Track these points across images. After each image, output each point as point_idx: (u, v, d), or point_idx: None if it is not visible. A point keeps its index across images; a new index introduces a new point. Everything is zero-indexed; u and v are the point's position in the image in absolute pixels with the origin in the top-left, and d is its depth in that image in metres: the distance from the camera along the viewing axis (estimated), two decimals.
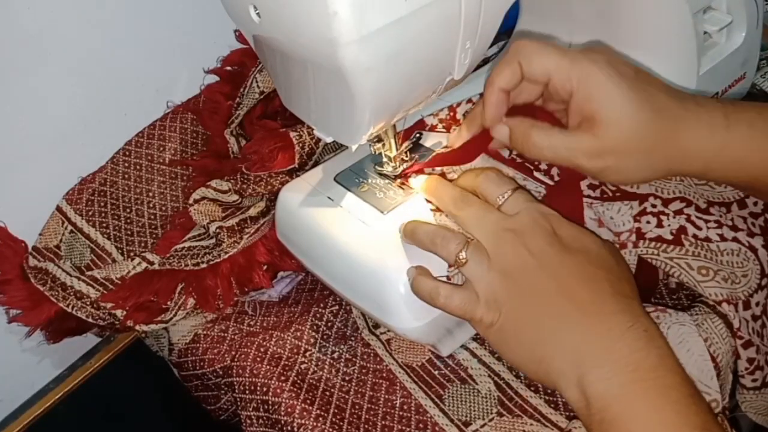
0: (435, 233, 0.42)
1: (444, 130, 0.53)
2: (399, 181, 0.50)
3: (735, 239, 0.44)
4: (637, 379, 0.34)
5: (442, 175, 0.48)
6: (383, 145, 0.49)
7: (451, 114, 0.55)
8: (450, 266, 0.42)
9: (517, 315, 0.38)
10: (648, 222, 0.45)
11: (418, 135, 0.52)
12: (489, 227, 0.41)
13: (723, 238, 0.44)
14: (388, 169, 0.50)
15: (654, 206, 0.45)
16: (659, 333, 0.37)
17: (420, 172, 0.49)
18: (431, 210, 0.47)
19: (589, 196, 0.46)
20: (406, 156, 0.50)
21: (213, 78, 0.65)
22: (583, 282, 0.38)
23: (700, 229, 0.44)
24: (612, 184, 0.46)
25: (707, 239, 0.44)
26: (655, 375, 0.35)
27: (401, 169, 0.50)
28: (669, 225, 0.44)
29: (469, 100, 0.54)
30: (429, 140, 0.53)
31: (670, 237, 0.44)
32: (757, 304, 0.43)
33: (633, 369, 0.35)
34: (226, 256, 0.54)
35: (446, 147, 0.50)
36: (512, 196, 0.42)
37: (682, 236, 0.44)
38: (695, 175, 0.43)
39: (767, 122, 0.40)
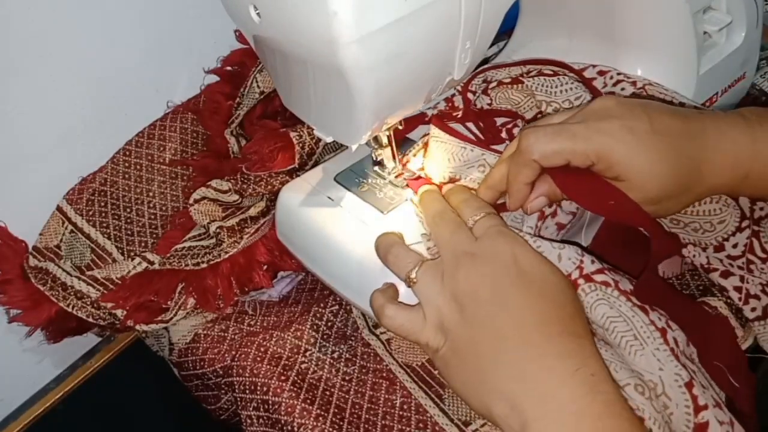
0: (389, 247, 0.41)
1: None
2: (400, 180, 0.50)
3: None
4: (582, 429, 0.33)
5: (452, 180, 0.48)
6: (380, 145, 0.49)
7: (450, 105, 0.55)
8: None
9: (461, 345, 0.37)
10: None
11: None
12: (451, 247, 0.39)
13: None
14: (391, 177, 0.50)
15: None
16: (608, 376, 0.35)
17: (424, 182, 0.49)
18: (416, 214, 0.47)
19: None
20: (398, 152, 0.50)
21: (213, 78, 0.65)
22: (531, 318, 0.36)
23: None
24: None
25: None
26: (602, 424, 0.33)
27: (402, 174, 0.50)
28: None
29: (468, 83, 0.55)
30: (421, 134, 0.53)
31: None
32: (735, 245, 0.44)
33: (577, 418, 0.33)
34: (227, 256, 0.54)
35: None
36: (483, 218, 0.40)
37: None
38: (725, 194, 0.43)
39: None
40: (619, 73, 0.52)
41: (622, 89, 0.51)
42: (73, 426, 0.65)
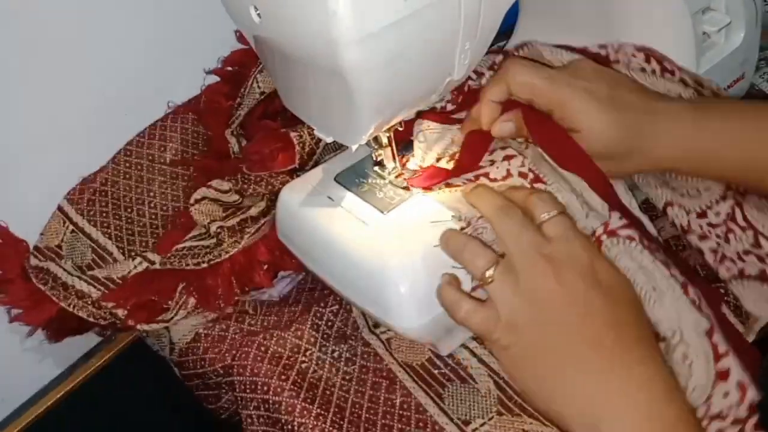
0: (465, 244, 0.41)
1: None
2: (400, 180, 0.50)
3: None
4: None
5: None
6: (380, 145, 0.49)
7: (455, 95, 0.54)
8: (475, 281, 0.41)
9: (536, 345, 0.37)
10: None
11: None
12: (523, 246, 0.39)
13: None
14: (391, 177, 0.50)
15: None
16: (678, 384, 0.36)
17: (427, 182, 0.48)
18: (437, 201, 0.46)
19: None
20: (398, 151, 0.50)
21: (214, 78, 0.65)
22: (610, 324, 0.37)
23: None
24: None
25: None
26: (674, 430, 0.34)
27: (402, 174, 0.50)
28: None
29: (466, 81, 0.55)
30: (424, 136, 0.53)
31: None
32: (717, 214, 0.46)
33: (652, 423, 0.34)
34: (227, 256, 0.54)
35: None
36: (557, 217, 0.40)
37: None
38: (667, 170, 0.46)
39: (743, 118, 0.43)
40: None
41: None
42: (73, 426, 0.65)
